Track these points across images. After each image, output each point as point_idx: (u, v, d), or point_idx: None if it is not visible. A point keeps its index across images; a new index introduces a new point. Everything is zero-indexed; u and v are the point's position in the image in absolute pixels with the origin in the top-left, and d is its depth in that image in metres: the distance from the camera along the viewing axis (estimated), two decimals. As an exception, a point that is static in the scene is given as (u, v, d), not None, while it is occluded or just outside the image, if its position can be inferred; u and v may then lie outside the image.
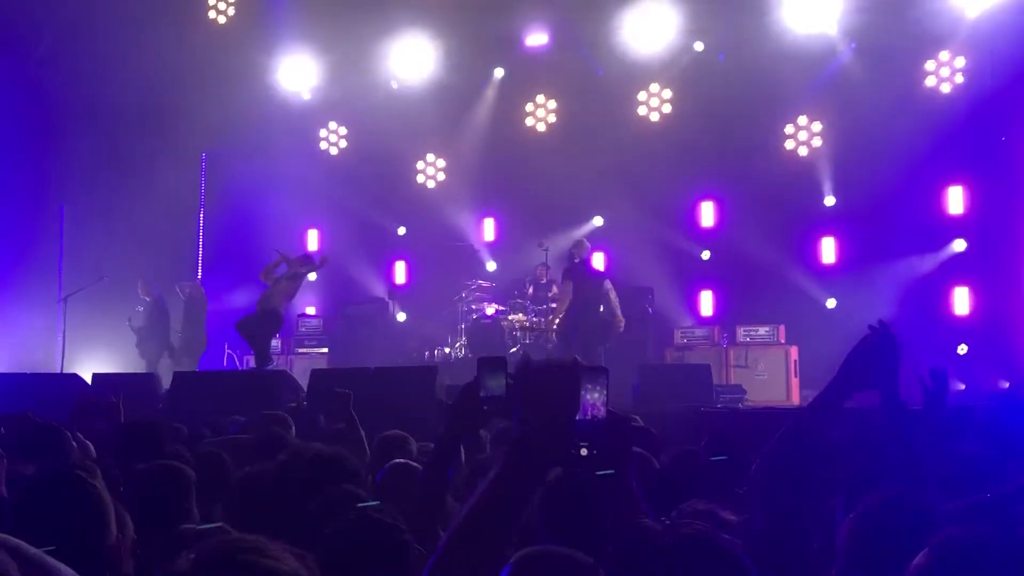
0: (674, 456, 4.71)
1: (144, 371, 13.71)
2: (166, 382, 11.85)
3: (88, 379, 12.16)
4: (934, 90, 14.58)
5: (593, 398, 2.14)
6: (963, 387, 13.04)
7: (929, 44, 14.48)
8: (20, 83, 16.07)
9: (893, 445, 3.60)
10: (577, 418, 2.05)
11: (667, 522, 2.24)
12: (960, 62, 14.45)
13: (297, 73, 17.28)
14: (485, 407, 2.92)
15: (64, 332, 15.34)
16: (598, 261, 15.82)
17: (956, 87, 14.47)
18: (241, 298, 16.76)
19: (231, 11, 17.51)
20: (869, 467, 3.44)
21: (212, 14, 17.49)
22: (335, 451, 3.58)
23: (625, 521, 2.51)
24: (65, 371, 14.27)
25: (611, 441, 2.29)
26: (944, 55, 14.51)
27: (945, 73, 14.55)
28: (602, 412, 2.12)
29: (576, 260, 13.19)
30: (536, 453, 1.99)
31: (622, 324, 13.12)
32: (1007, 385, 12.58)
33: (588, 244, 13.71)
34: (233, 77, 16.70)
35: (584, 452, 2.10)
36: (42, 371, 14.49)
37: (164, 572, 1.85)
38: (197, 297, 16.54)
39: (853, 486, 3.18)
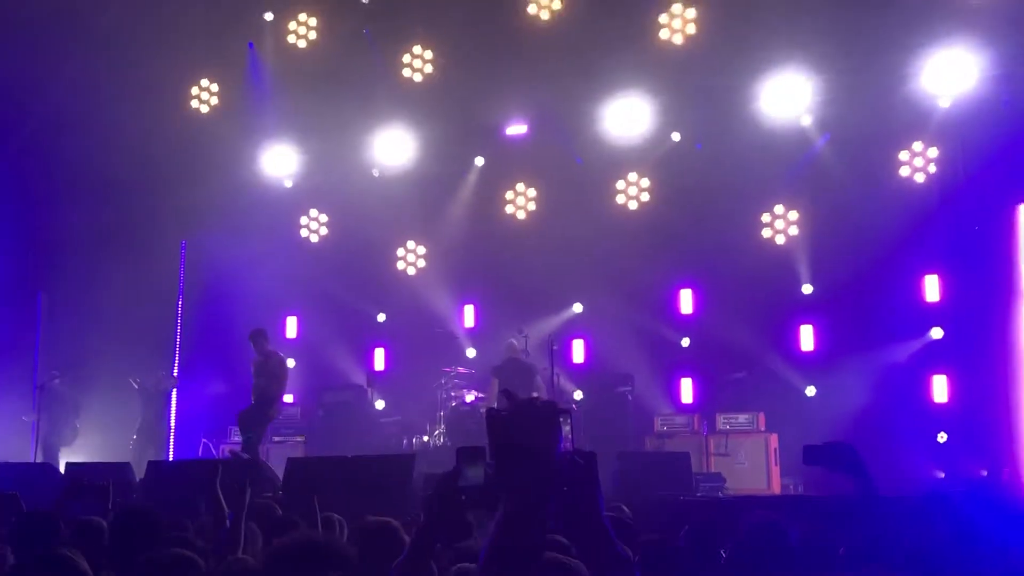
0: (644, 543, 4.68)
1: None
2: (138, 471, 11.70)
3: (61, 468, 12.04)
4: (908, 179, 14.78)
5: (566, 431, 2.18)
6: (943, 475, 13.01)
7: (903, 134, 14.73)
8: (0, 169, 16.12)
9: (865, 532, 3.60)
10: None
11: None
12: (933, 152, 14.68)
13: (279, 161, 17.41)
14: (464, 497, 2.90)
15: (37, 421, 15.17)
16: (579, 350, 15.93)
17: (930, 176, 14.68)
18: (218, 385, 16.68)
19: (213, 100, 17.69)
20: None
21: (195, 103, 17.66)
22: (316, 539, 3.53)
23: (597, 552, 2.37)
24: (38, 460, 14.09)
25: (581, 476, 2.25)
26: (918, 145, 14.75)
27: (919, 163, 14.77)
28: (570, 446, 2.14)
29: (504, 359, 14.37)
30: (523, 527, 1.98)
31: None
32: (985, 473, 12.55)
33: (517, 345, 14.68)
34: (215, 165, 16.82)
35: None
36: (16, 460, 14.29)
37: None
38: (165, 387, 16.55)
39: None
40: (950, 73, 14.23)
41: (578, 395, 15.16)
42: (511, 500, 2.15)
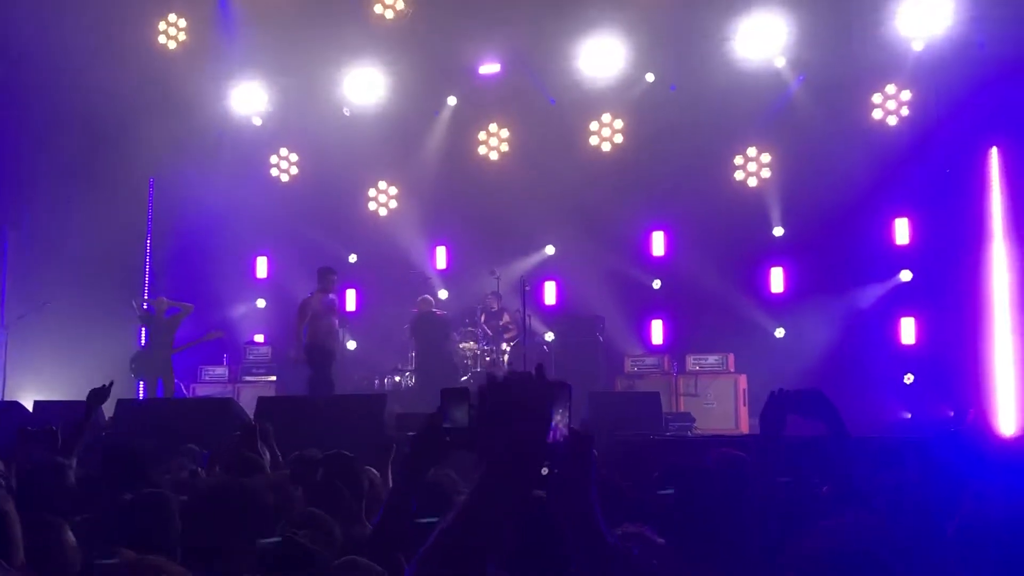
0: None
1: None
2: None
3: (30, 407, 11.96)
4: (881, 122, 14.80)
5: (557, 418, 2.14)
6: (909, 416, 13.19)
7: (876, 77, 14.72)
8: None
9: (835, 473, 3.64)
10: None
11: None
12: (906, 95, 14.69)
13: (248, 99, 17.17)
14: (448, 439, 2.91)
15: (5, 359, 15.06)
16: (551, 291, 15.98)
17: (902, 119, 14.71)
18: (189, 325, 16.58)
19: (182, 36, 17.37)
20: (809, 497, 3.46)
21: (163, 39, 17.34)
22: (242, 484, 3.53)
23: (586, 545, 2.38)
24: (7, 399, 14.00)
25: (574, 461, 2.25)
26: (891, 88, 14.75)
27: (892, 106, 14.78)
28: (565, 431, 2.12)
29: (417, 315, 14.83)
30: (508, 478, 1.96)
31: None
32: (952, 414, 12.72)
33: (430, 299, 15.23)
34: (183, 102, 16.54)
35: (544, 471, 2.07)
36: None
37: None
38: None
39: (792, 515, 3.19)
40: (924, 15, 14.20)
41: (549, 336, 15.21)
42: (497, 451, 2.07)
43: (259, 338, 16.84)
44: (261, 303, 17.36)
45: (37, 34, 15.71)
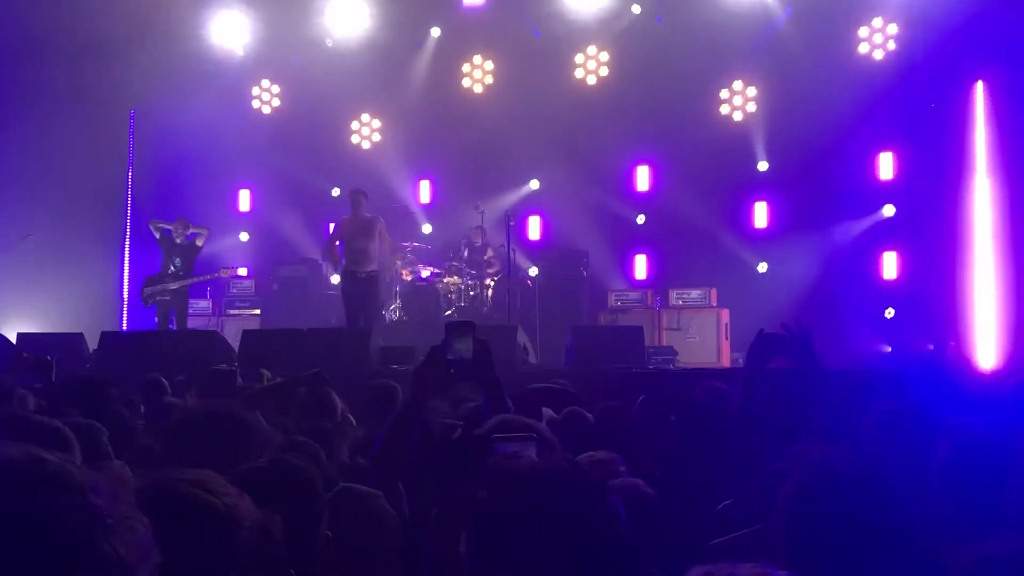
0: (601, 410, 4.82)
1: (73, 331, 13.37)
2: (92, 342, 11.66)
3: (13, 338, 11.94)
4: (867, 57, 14.75)
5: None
6: (889, 350, 13.31)
7: (863, 10, 14.66)
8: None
9: (812, 405, 3.69)
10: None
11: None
12: (892, 29, 14.62)
13: (229, 29, 16.93)
14: (452, 370, 2.99)
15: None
16: (535, 226, 15.99)
17: (888, 54, 14.66)
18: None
19: (161, -36, 17.07)
20: (789, 426, 3.51)
21: (141, -33, 17.02)
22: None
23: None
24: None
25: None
26: (877, 21, 14.68)
27: (878, 40, 14.73)
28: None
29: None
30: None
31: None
32: (931, 348, 12.85)
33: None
34: (163, 32, 16.29)
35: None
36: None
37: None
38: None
39: (772, 446, 3.23)
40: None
41: (533, 271, 15.22)
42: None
43: (243, 271, 16.79)
44: (244, 236, 17.29)
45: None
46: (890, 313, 14.08)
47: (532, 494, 1.79)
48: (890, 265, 14.39)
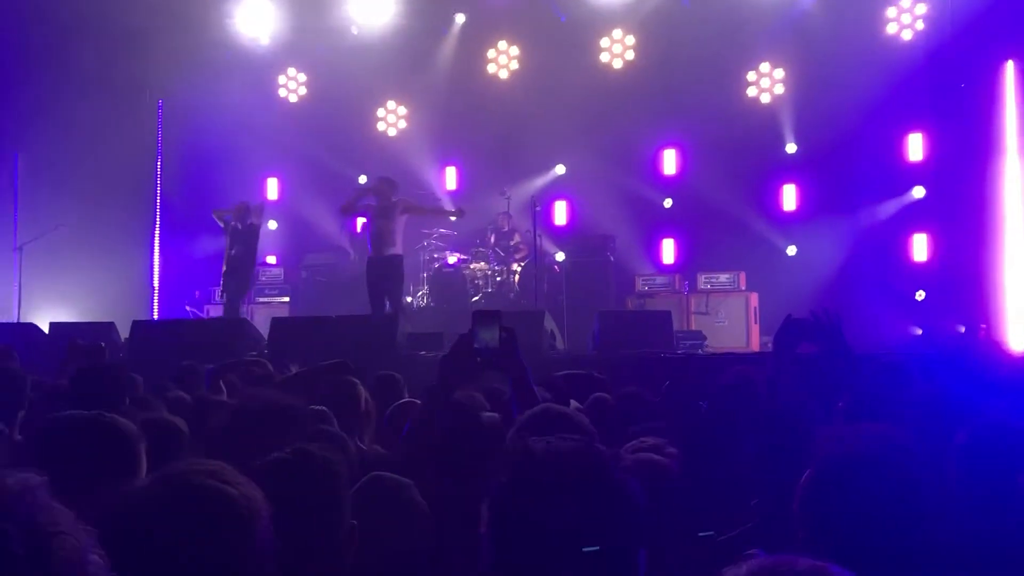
0: (620, 395, 4.82)
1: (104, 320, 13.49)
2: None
3: (45, 328, 12.08)
4: (895, 37, 14.61)
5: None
6: (920, 332, 13.22)
7: (892, -10, 14.49)
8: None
9: (842, 389, 3.68)
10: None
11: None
12: (921, 9, 14.47)
13: (255, 18, 16.98)
14: (479, 359, 2.99)
15: (20, 281, 15.16)
16: (561, 211, 15.97)
17: (917, 34, 14.51)
18: (201, 247, 16.63)
19: (187, -46, 17.14)
20: (811, 413, 3.50)
21: (167, -43, 17.11)
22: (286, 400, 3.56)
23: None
24: (21, 320, 14.13)
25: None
26: (905, 2, 14.53)
27: (906, 20, 14.58)
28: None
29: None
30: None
31: None
32: (963, 330, 12.75)
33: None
34: (190, 22, 16.38)
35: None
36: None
37: (124, 491, 1.91)
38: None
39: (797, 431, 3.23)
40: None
41: (560, 256, 15.21)
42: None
43: (271, 259, 16.89)
44: (272, 224, 17.35)
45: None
46: (921, 296, 13.97)
47: (546, 473, 1.81)
48: (920, 247, 14.27)
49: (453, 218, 14.15)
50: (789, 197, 15.20)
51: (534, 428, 2.82)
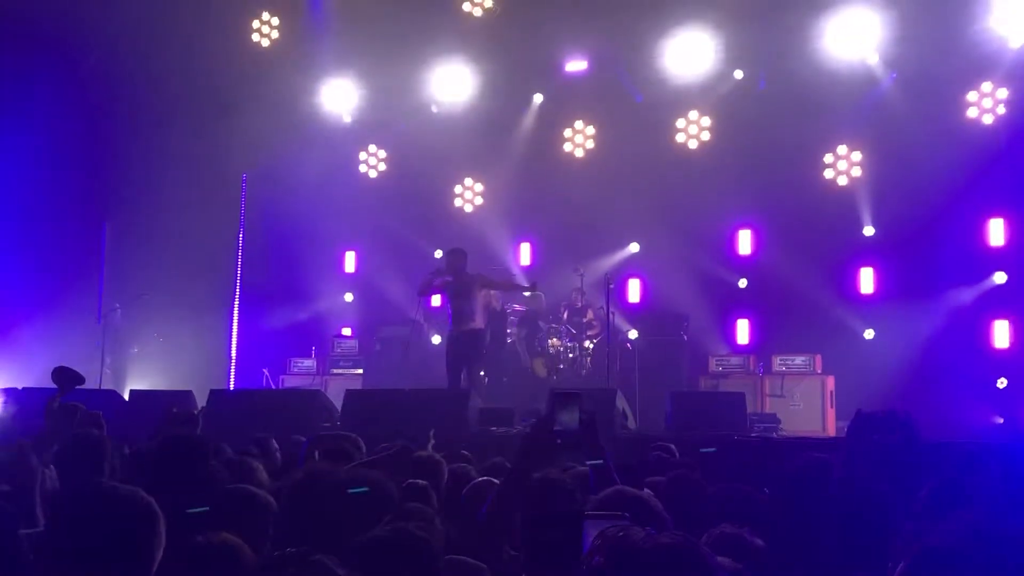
0: (671, 478, 4.77)
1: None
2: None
3: (126, 395, 12.32)
4: (976, 121, 14.48)
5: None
6: (1002, 421, 12.89)
7: (971, 74, 14.39)
8: (65, 99, 16.24)
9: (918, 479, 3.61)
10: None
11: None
12: (1003, 93, 14.35)
13: (338, 96, 17.43)
14: (559, 441, 2.98)
15: (103, 350, 15.50)
16: (635, 289, 15.95)
17: (998, 118, 14.37)
18: (278, 318, 16.90)
19: (275, 34, 17.72)
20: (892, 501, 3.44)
21: (256, 37, 17.70)
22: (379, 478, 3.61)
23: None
24: (104, 387, 14.43)
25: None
26: (987, 86, 14.42)
27: (987, 104, 14.45)
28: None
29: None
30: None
31: None
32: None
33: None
34: (275, 99, 16.87)
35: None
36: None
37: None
38: None
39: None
40: (1022, 12, 13.85)
41: (633, 334, 15.17)
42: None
43: (347, 331, 17.10)
44: (349, 297, 17.62)
45: (136, 29, 16.13)
46: (1002, 383, 13.65)
47: (646, 566, 1.81)
48: (1002, 334, 13.97)
49: (527, 293, 14.25)
50: (866, 280, 15.03)
51: (608, 509, 2.81)
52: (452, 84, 16.81)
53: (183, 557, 2.79)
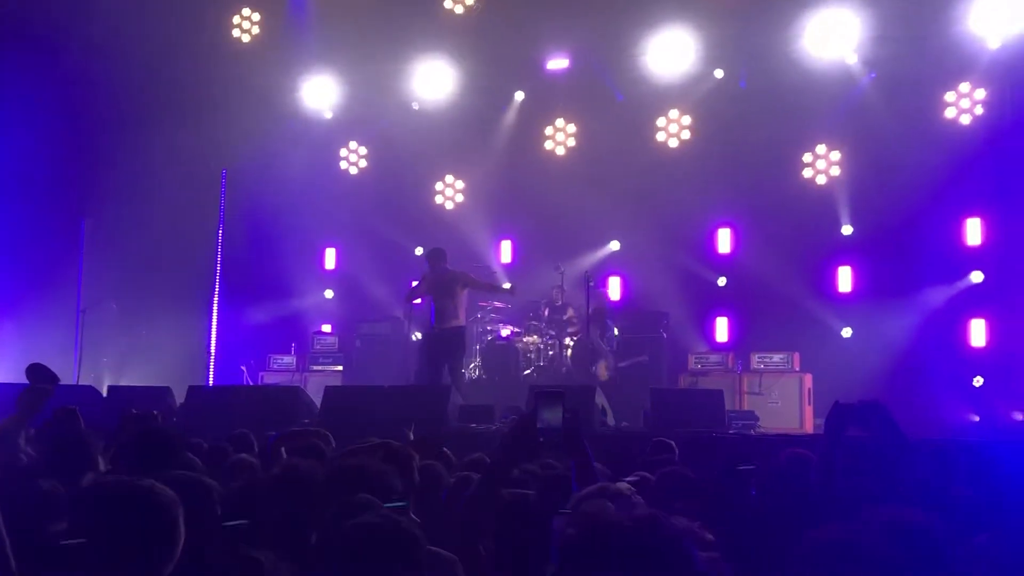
0: (662, 475, 4.79)
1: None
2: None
3: (103, 392, 12.26)
4: (953, 121, 14.57)
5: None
6: (977, 419, 12.99)
7: (949, 75, 14.48)
8: (44, 98, 16.16)
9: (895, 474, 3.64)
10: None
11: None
12: (980, 94, 14.44)
13: (320, 92, 17.39)
14: (541, 439, 3.00)
15: (80, 346, 15.43)
16: (615, 287, 15.99)
17: (976, 118, 14.46)
18: (258, 314, 16.87)
19: (255, 30, 17.67)
20: (870, 495, 3.47)
21: (236, 32, 17.65)
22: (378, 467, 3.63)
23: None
24: (81, 383, 14.36)
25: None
26: (964, 86, 14.51)
27: (965, 104, 14.54)
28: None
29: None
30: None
31: None
32: (1021, 417, 12.52)
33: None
34: (255, 95, 16.83)
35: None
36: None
37: None
38: None
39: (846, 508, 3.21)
40: (1000, 14, 13.96)
41: (613, 332, 15.20)
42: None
43: (326, 328, 17.07)
44: (329, 294, 17.61)
45: (115, 25, 16.06)
46: (978, 381, 13.75)
47: (618, 537, 1.83)
48: (978, 332, 14.08)
49: (505, 294, 14.32)
50: (844, 279, 15.11)
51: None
52: (433, 81, 16.79)
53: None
